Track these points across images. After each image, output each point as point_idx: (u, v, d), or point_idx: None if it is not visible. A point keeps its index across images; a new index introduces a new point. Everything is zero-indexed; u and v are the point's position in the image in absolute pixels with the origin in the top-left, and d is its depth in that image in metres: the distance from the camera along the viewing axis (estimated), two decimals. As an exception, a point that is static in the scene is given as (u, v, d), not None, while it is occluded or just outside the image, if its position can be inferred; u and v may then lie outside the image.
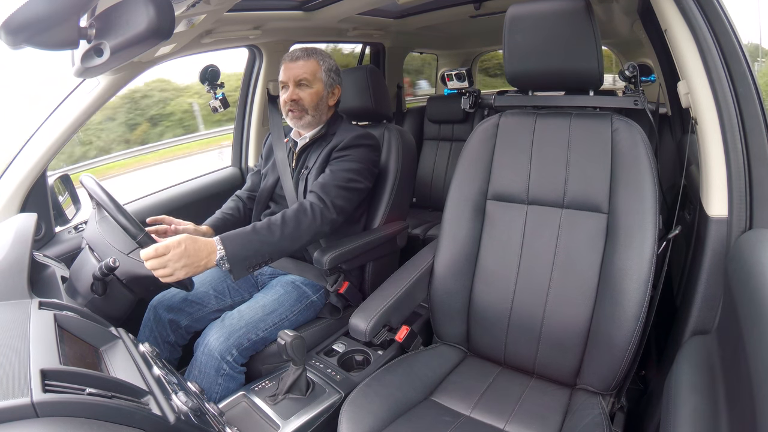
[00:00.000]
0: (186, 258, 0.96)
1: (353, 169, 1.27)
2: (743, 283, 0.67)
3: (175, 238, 0.96)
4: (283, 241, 1.12)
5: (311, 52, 1.31)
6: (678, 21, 0.88)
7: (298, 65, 1.29)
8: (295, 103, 1.29)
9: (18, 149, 1.21)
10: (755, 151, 0.83)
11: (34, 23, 0.58)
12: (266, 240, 1.09)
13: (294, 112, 1.30)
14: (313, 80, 1.30)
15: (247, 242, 1.07)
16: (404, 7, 2.17)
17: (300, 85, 1.29)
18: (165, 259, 0.94)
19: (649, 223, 0.94)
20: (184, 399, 0.65)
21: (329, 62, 1.33)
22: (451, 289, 1.16)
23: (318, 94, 1.31)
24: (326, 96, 1.33)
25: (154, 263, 0.94)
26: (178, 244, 0.95)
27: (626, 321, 0.93)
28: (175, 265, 0.95)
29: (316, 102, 1.31)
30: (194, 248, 0.98)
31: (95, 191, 1.01)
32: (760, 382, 0.51)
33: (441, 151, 2.68)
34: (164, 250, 0.94)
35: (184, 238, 0.98)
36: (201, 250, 0.99)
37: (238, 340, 1.12)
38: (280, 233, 1.11)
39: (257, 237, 1.09)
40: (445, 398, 1.03)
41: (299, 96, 1.29)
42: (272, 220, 1.14)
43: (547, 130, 1.11)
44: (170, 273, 0.95)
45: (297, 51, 1.32)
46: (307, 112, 1.31)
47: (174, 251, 0.95)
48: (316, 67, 1.30)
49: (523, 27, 1.05)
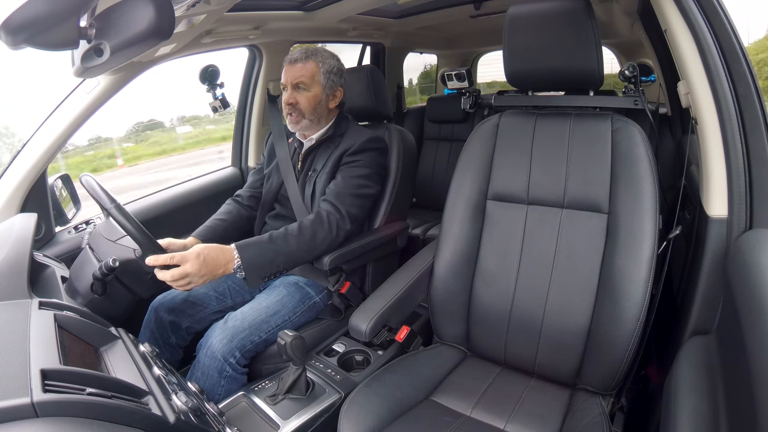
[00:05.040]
0: (205, 268, 1.00)
1: (364, 175, 1.28)
2: (743, 283, 0.67)
3: (194, 250, 0.99)
4: (299, 252, 1.14)
5: (310, 54, 1.29)
6: (678, 21, 0.88)
7: (296, 68, 1.27)
8: (292, 107, 1.28)
9: (18, 149, 1.21)
10: (755, 151, 0.83)
11: (34, 23, 0.58)
12: (282, 250, 1.11)
13: (291, 115, 1.29)
14: (311, 83, 1.27)
15: (263, 251, 1.09)
16: (404, 7, 2.17)
17: (297, 88, 1.27)
18: (183, 271, 0.97)
19: (649, 223, 0.94)
20: (184, 399, 0.65)
21: (330, 64, 1.30)
22: (451, 289, 1.16)
23: (315, 97, 1.29)
24: (325, 99, 1.31)
25: (174, 274, 0.97)
26: (197, 256, 0.99)
27: (626, 321, 0.93)
28: (194, 277, 0.99)
29: (314, 106, 1.29)
30: (212, 257, 1.01)
31: (96, 191, 1.01)
32: (760, 382, 0.51)
33: (441, 151, 2.68)
34: (180, 259, 0.97)
35: (201, 249, 1.01)
36: (219, 259, 1.03)
37: (242, 342, 1.11)
38: (296, 243, 1.13)
39: (273, 247, 1.10)
40: (445, 398, 1.03)
41: (296, 99, 1.28)
42: (289, 230, 1.15)
43: (547, 130, 1.11)
44: (188, 282, 0.99)
45: (296, 52, 1.29)
46: (304, 115, 1.29)
47: (192, 263, 0.98)
48: (315, 69, 1.28)
49: (523, 27, 1.05)
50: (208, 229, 1.36)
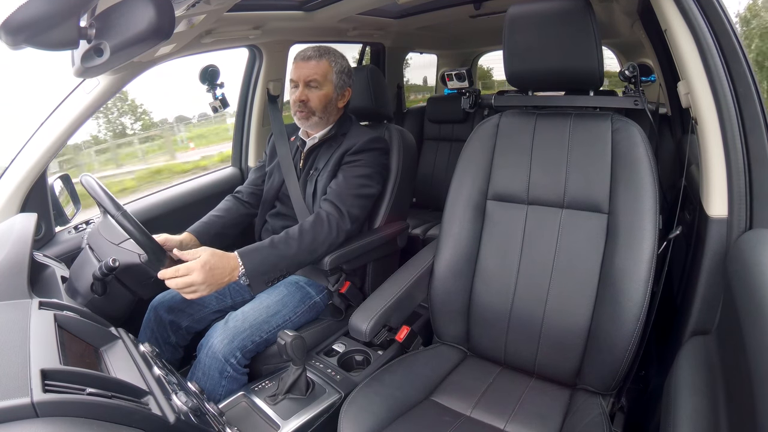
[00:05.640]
0: (211, 278, 1.00)
1: (365, 175, 1.28)
2: (743, 283, 0.67)
3: (200, 260, 0.99)
4: (301, 255, 1.14)
5: (324, 52, 1.29)
6: (678, 21, 0.88)
7: (309, 65, 1.27)
8: (303, 104, 1.28)
9: (18, 149, 1.21)
10: (755, 151, 0.83)
11: (34, 23, 0.58)
12: (284, 254, 1.12)
13: (302, 112, 1.29)
14: (324, 82, 1.28)
15: (266, 257, 1.10)
16: (404, 7, 2.17)
17: (309, 85, 1.27)
18: (188, 280, 0.97)
19: (649, 223, 0.94)
20: (184, 399, 0.65)
21: (342, 63, 1.31)
22: (451, 289, 1.16)
23: (327, 96, 1.29)
24: (336, 98, 1.31)
25: (178, 283, 0.97)
26: (203, 266, 0.99)
27: (626, 321, 0.93)
28: (200, 286, 0.99)
29: (325, 104, 1.29)
30: (218, 267, 1.02)
31: (96, 191, 1.01)
32: (760, 382, 0.51)
33: (441, 151, 2.69)
34: (186, 271, 0.98)
35: (209, 257, 1.01)
36: (225, 268, 1.03)
37: (242, 343, 1.11)
38: (297, 246, 1.14)
39: (275, 252, 1.11)
40: (445, 398, 1.03)
41: (308, 97, 1.28)
42: (290, 233, 1.15)
43: (547, 131, 1.11)
44: (194, 291, 0.99)
45: (309, 50, 1.29)
46: (314, 113, 1.29)
47: (198, 273, 0.98)
48: (328, 68, 1.28)
49: (523, 27, 1.05)
50: (204, 225, 1.36)
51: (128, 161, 5.29)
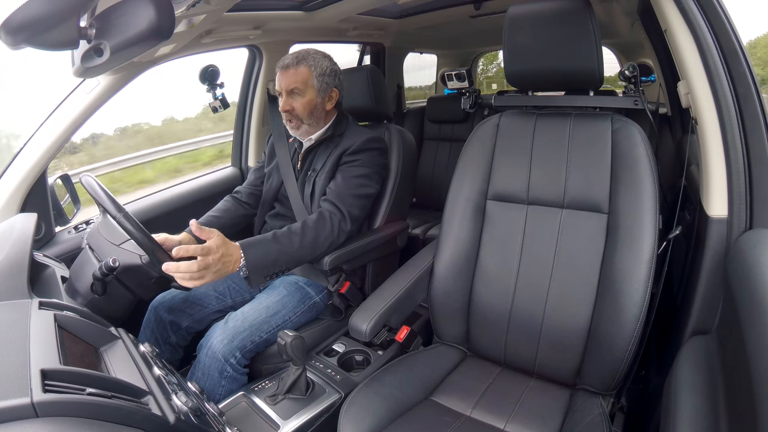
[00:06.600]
0: (221, 263, 1.00)
1: (364, 175, 1.28)
2: (743, 283, 0.67)
3: (215, 243, 0.99)
4: (302, 251, 1.14)
5: (302, 58, 1.28)
6: (678, 21, 0.88)
7: (288, 74, 1.27)
8: (289, 113, 1.29)
9: (18, 149, 1.21)
10: (755, 151, 0.83)
11: (34, 23, 0.58)
12: (285, 250, 1.11)
13: (291, 122, 1.30)
14: (305, 89, 1.27)
15: (267, 251, 1.09)
16: (404, 7, 2.17)
17: (292, 94, 1.27)
18: (205, 261, 0.97)
19: (649, 223, 0.94)
20: (184, 399, 0.65)
21: (322, 65, 1.29)
22: (451, 289, 1.16)
23: (311, 102, 1.28)
24: (321, 102, 1.30)
25: (191, 266, 0.96)
26: (217, 248, 0.99)
27: (626, 321, 0.93)
28: (210, 270, 0.99)
29: (309, 110, 1.29)
30: (228, 254, 1.02)
31: (96, 192, 1.01)
32: (760, 382, 0.51)
33: (441, 151, 2.69)
34: (204, 251, 0.98)
35: (222, 242, 1.01)
36: (232, 255, 1.03)
37: (242, 343, 1.11)
38: (299, 243, 1.14)
39: (277, 246, 1.11)
40: (445, 398, 1.03)
41: (292, 106, 1.28)
42: (292, 229, 1.15)
43: (547, 130, 1.11)
44: (201, 276, 0.98)
45: (288, 58, 1.28)
46: (302, 120, 1.30)
47: (215, 255, 0.98)
48: (307, 74, 1.27)
49: (523, 27, 1.05)
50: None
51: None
